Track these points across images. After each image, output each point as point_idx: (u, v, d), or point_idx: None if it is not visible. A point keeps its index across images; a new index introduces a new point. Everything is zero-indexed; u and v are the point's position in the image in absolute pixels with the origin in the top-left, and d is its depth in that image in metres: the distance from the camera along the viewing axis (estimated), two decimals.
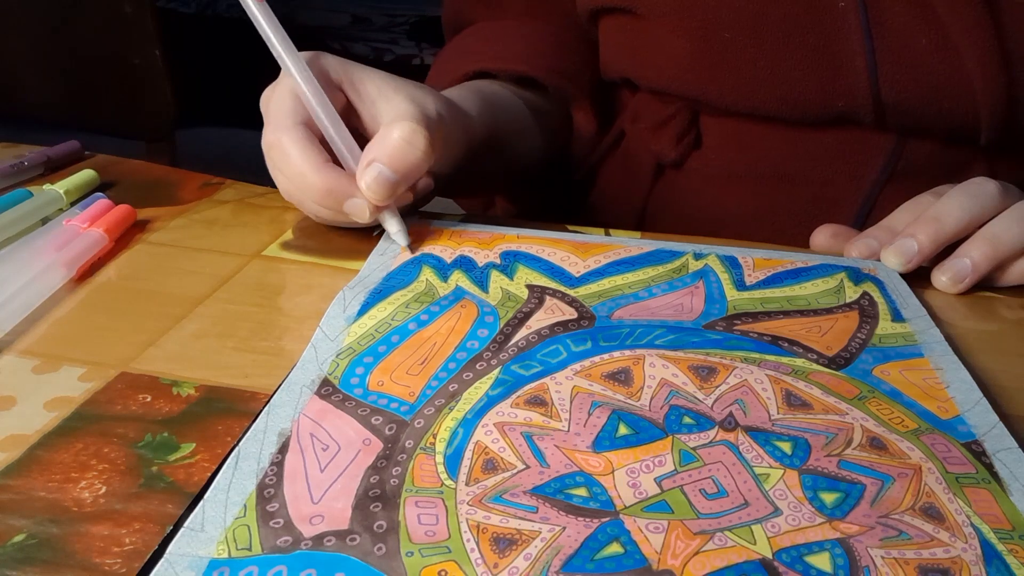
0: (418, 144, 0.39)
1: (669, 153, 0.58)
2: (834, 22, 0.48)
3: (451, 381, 0.31)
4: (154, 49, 1.04)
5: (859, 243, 0.44)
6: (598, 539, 0.24)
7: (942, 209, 0.42)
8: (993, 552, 0.25)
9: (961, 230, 0.42)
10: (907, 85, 0.48)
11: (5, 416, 0.29)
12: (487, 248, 0.42)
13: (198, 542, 0.24)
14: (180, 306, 0.36)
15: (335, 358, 0.32)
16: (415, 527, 0.25)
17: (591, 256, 0.41)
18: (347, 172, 0.40)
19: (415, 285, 0.38)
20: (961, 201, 0.42)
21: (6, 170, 0.48)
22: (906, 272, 0.42)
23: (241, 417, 0.29)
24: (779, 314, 0.37)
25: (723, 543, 0.25)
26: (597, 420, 0.29)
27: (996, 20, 0.46)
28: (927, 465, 0.28)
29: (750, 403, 0.31)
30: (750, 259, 0.42)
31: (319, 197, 0.39)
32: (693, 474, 0.27)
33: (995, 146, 0.50)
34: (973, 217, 0.42)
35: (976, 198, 0.42)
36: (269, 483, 0.26)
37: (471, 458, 0.27)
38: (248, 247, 0.42)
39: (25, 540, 0.24)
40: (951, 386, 0.33)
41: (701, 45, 0.52)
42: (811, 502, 0.26)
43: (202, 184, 0.50)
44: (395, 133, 0.39)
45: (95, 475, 0.26)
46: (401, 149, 0.39)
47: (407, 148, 0.39)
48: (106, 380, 0.31)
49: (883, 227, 0.45)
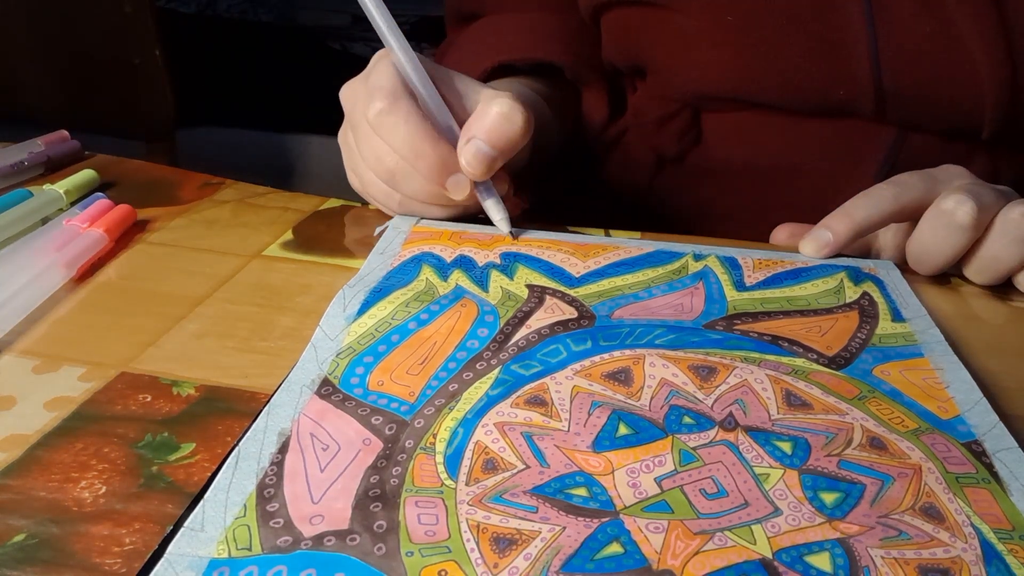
0: (516, 120, 0.40)
1: (670, 149, 0.58)
2: (837, 8, 0.48)
3: (451, 381, 0.31)
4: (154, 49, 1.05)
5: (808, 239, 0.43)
6: (598, 539, 0.24)
7: (856, 203, 0.43)
8: (993, 552, 0.25)
9: (873, 222, 0.42)
10: (909, 73, 0.48)
11: (5, 416, 0.29)
12: (487, 248, 0.42)
13: (198, 542, 0.24)
14: (180, 306, 0.36)
15: (335, 358, 0.32)
16: (415, 527, 0.25)
17: (591, 257, 0.41)
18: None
19: (415, 284, 0.38)
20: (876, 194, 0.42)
21: (6, 170, 0.48)
22: (824, 257, 0.43)
23: (241, 417, 0.29)
24: (779, 314, 0.37)
25: (723, 543, 0.25)
26: (597, 420, 0.29)
27: (1001, 9, 0.46)
28: (927, 465, 0.28)
29: (750, 403, 0.31)
30: (750, 260, 0.42)
31: (431, 170, 0.40)
32: (693, 474, 0.27)
33: (997, 140, 0.50)
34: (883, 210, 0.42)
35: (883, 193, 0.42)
36: (269, 483, 0.26)
37: (471, 458, 0.27)
38: (248, 247, 0.42)
39: (25, 540, 0.24)
40: (951, 386, 0.33)
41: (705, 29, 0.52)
42: (811, 502, 0.26)
43: (202, 184, 0.50)
44: (494, 109, 0.40)
45: (95, 475, 0.26)
46: (500, 125, 0.40)
47: (506, 124, 0.40)
48: (106, 380, 0.31)
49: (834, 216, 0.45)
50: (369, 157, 0.42)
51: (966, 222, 0.40)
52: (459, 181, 0.41)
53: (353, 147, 0.44)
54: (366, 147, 0.42)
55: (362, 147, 0.42)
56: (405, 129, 0.39)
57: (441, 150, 0.40)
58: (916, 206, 0.42)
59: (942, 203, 0.41)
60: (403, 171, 0.41)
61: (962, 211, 0.40)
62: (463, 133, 0.41)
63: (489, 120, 0.40)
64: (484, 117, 0.40)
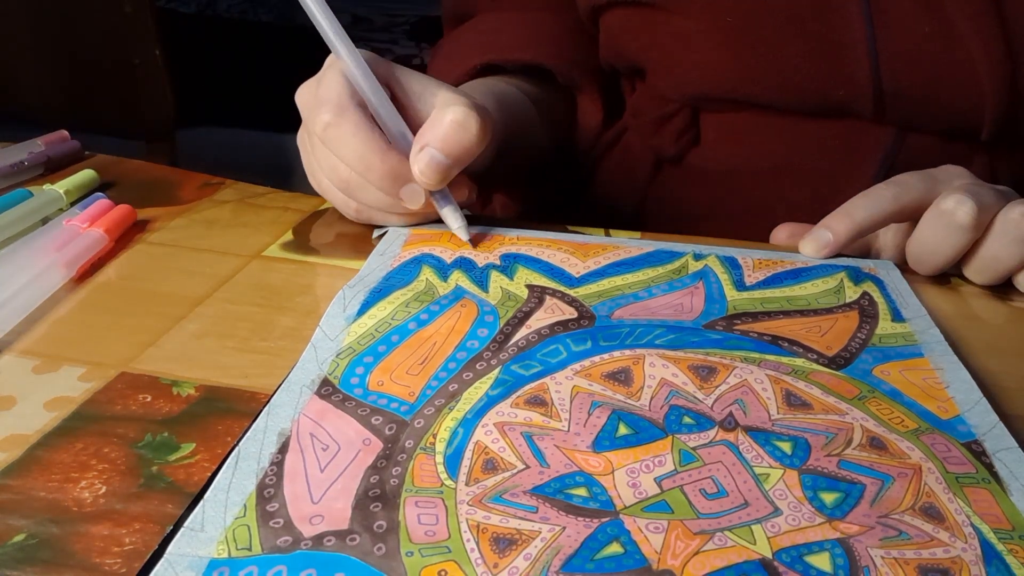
0: (471, 127, 0.39)
1: (668, 149, 0.58)
2: (835, 9, 0.48)
3: (451, 381, 0.31)
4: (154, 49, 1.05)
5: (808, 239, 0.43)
6: (598, 539, 0.24)
7: (856, 203, 0.43)
8: (993, 552, 0.25)
9: (874, 222, 0.42)
10: (908, 74, 0.48)
11: (5, 416, 0.29)
12: (487, 249, 0.42)
13: (198, 542, 0.24)
14: (180, 306, 0.36)
15: (335, 358, 0.32)
16: (415, 527, 0.25)
17: (591, 257, 0.41)
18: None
19: (415, 284, 0.38)
20: (876, 194, 0.42)
21: (6, 170, 0.48)
22: (824, 257, 0.43)
23: (241, 417, 0.29)
24: (779, 314, 0.37)
25: (723, 543, 0.25)
26: (597, 420, 0.29)
27: (1000, 9, 0.46)
28: (927, 465, 0.28)
29: (750, 403, 0.31)
30: (750, 259, 0.42)
31: (382, 181, 0.39)
32: (693, 474, 0.27)
33: (996, 141, 0.50)
34: (883, 210, 0.42)
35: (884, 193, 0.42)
36: (269, 483, 0.26)
37: (471, 458, 0.27)
38: (248, 247, 0.42)
39: (25, 540, 0.24)
40: (951, 386, 0.33)
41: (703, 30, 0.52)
42: (811, 502, 0.26)
43: (202, 184, 0.50)
44: (448, 116, 0.39)
45: (95, 475, 0.26)
46: (455, 132, 0.39)
47: (460, 131, 0.39)
48: (106, 380, 0.31)
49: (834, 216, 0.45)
50: (324, 166, 0.42)
51: (966, 222, 0.40)
52: (414, 191, 0.40)
53: (310, 152, 0.43)
54: (320, 156, 0.41)
55: (317, 155, 0.42)
56: (352, 143, 0.39)
57: (392, 161, 0.39)
58: (916, 206, 0.42)
59: (942, 203, 0.41)
60: (356, 182, 0.41)
61: (962, 211, 0.40)
62: (416, 141, 0.39)
63: (443, 128, 0.39)
64: (438, 125, 0.39)
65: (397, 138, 0.41)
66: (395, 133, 0.41)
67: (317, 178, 0.44)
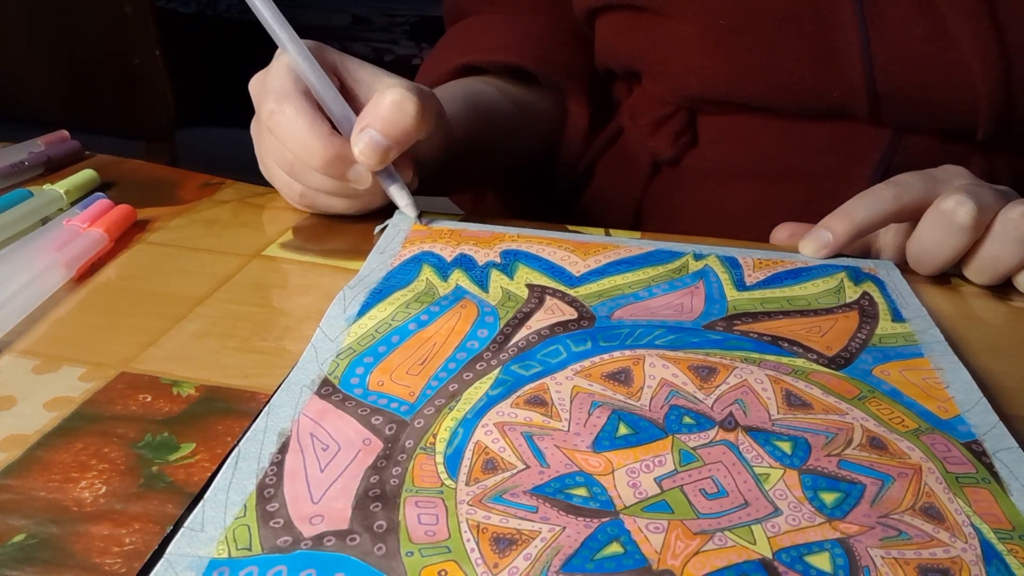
0: (408, 109, 0.40)
1: (666, 151, 0.58)
2: (829, 11, 0.48)
3: (451, 381, 0.31)
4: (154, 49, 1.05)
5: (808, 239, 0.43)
6: (598, 539, 0.24)
7: (856, 203, 0.43)
8: (993, 552, 0.25)
9: (874, 222, 0.42)
10: (902, 76, 0.48)
11: (5, 416, 0.29)
12: (487, 247, 0.42)
13: (198, 542, 0.24)
14: (180, 306, 0.36)
15: (335, 358, 0.32)
16: (415, 527, 0.25)
17: (591, 256, 0.41)
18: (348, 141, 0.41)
19: (415, 285, 0.38)
20: (876, 195, 0.42)
21: (6, 170, 0.48)
22: (824, 257, 0.43)
23: (241, 417, 0.29)
24: (779, 314, 0.37)
25: (723, 543, 0.25)
26: (597, 420, 0.29)
27: (994, 10, 0.46)
28: (927, 465, 0.28)
29: (750, 403, 0.31)
30: (750, 259, 0.42)
31: (324, 165, 0.40)
32: (693, 474, 0.27)
33: (992, 141, 0.50)
34: (883, 210, 0.42)
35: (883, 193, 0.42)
36: (269, 483, 0.26)
37: (471, 458, 0.27)
38: (248, 247, 0.42)
39: (25, 540, 0.24)
40: (951, 386, 0.33)
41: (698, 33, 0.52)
42: (811, 502, 0.26)
43: (202, 184, 0.50)
44: (387, 98, 0.40)
45: (95, 475, 0.26)
46: (393, 114, 0.40)
47: (398, 113, 0.40)
48: (106, 380, 0.31)
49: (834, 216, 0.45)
50: (272, 150, 0.43)
51: (966, 222, 0.40)
52: (359, 171, 0.41)
53: (259, 139, 0.45)
54: (267, 142, 0.43)
55: (264, 142, 0.43)
56: (294, 128, 0.40)
57: (334, 145, 0.40)
58: (916, 206, 0.42)
59: (942, 203, 0.41)
60: (300, 166, 0.42)
61: (962, 211, 0.40)
62: (357, 123, 0.41)
63: (382, 109, 0.40)
64: (377, 107, 0.40)
65: (342, 122, 0.42)
66: (339, 117, 0.42)
67: (266, 163, 0.45)
